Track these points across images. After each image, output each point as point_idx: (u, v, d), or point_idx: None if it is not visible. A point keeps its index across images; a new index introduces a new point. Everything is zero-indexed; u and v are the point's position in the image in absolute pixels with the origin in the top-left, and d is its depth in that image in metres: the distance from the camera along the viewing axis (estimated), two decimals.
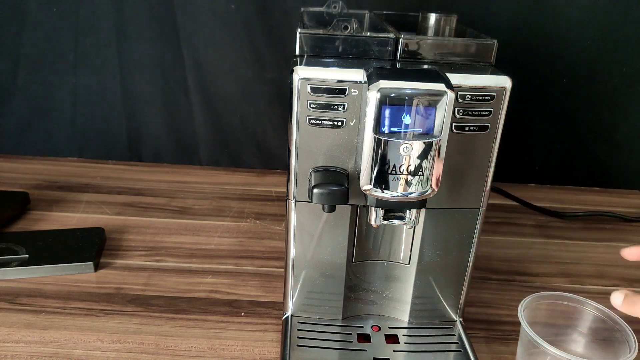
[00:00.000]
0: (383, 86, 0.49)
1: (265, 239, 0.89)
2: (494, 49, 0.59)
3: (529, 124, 1.08)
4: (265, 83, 1.06)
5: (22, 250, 0.78)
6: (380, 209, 0.57)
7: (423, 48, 0.58)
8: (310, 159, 0.57)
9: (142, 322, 0.68)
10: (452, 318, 0.69)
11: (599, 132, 1.09)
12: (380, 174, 0.51)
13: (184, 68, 1.05)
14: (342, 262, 0.64)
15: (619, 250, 0.62)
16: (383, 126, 0.50)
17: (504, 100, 0.55)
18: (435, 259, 0.64)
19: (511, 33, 0.99)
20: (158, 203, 0.98)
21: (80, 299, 0.72)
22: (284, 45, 1.02)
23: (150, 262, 0.81)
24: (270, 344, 0.66)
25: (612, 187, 1.14)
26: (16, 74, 1.06)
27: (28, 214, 0.91)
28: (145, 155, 1.14)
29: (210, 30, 1.02)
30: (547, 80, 1.04)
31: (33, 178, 1.04)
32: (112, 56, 1.04)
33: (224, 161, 1.15)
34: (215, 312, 0.71)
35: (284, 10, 0.99)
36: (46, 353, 0.62)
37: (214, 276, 0.79)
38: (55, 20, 1.01)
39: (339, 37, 0.57)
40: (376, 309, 0.69)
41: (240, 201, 1.01)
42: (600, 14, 0.98)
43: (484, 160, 0.58)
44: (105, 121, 1.11)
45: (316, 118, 0.55)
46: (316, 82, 0.53)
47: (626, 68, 1.02)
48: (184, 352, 0.64)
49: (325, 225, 0.62)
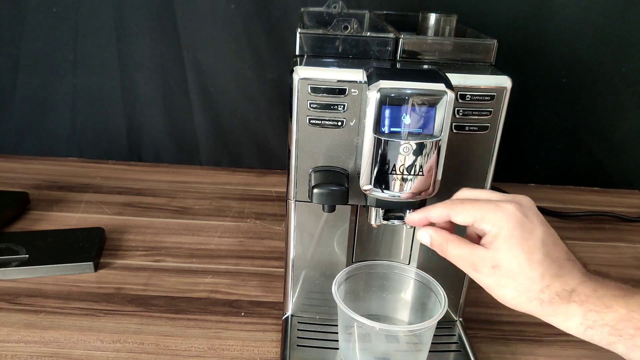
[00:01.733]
0: (383, 86, 0.49)
1: (265, 239, 0.89)
2: (494, 49, 0.59)
3: (529, 124, 1.08)
4: (265, 83, 1.06)
5: (22, 250, 0.78)
6: (380, 209, 0.57)
7: (423, 48, 0.58)
8: (310, 159, 0.57)
9: (142, 322, 0.68)
10: (452, 318, 0.69)
11: (599, 132, 1.09)
12: (380, 174, 0.51)
13: (184, 68, 1.05)
14: (342, 262, 0.64)
15: (619, 250, 0.62)
16: (383, 126, 0.50)
17: (504, 100, 0.55)
18: (435, 259, 0.64)
19: (511, 33, 0.99)
20: (158, 203, 0.98)
21: (80, 299, 0.72)
22: (284, 45, 1.02)
23: (150, 262, 0.81)
24: (270, 344, 0.66)
25: (612, 187, 1.14)
26: (16, 74, 1.06)
27: (28, 214, 0.91)
28: (145, 155, 1.14)
29: (210, 30, 1.02)
30: (547, 80, 1.04)
31: (33, 178, 1.04)
32: (112, 56, 1.04)
33: (224, 161, 1.15)
34: (215, 312, 0.71)
35: (284, 10, 0.99)
36: (46, 353, 0.62)
37: (214, 276, 0.79)
38: (55, 20, 1.01)
39: (339, 37, 0.57)
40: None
41: (240, 201, 1.01)
42: (600, 14, 0.98)
43: (484, 160, 0.58)
44: (105, 121, 1.11)
45: (316, 118, 0.55)
46: (316, 82, 0.53)
47: (626, 68, 1.02)
48: (184, 352, 0.64)
49: (325, 225, 0.62)
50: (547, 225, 0.47)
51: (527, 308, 0.46)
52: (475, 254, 0.47)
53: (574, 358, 0.67)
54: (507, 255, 0.45)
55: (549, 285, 0.45)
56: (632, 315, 0.42)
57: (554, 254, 0.46)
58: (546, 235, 0.46)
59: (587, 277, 0.45)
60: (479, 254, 0.47)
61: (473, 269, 0.48)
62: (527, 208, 0.48)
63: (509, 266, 0.45)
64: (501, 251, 0.46)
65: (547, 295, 0.44)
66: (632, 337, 0.42)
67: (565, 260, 0.46)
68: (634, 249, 0.91)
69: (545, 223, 0.48)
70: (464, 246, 0.48)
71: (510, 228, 0.46)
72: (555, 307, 0.44)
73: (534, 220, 0.47)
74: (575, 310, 0.44)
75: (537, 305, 0.45)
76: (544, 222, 0.47)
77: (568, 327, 0.45)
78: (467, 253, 0.48)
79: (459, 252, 0.49)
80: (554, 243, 0.46)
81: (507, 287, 0.46)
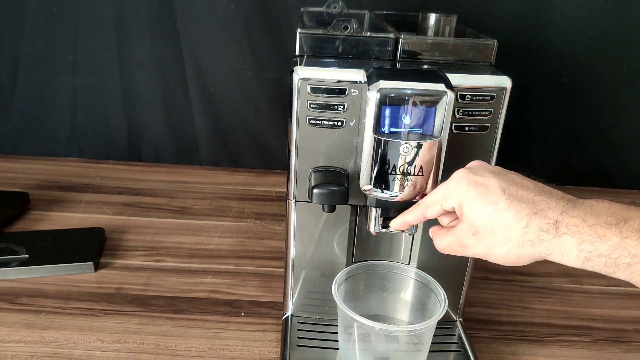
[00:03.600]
0: (383, 86, 0.49)
1: (265, 239, 0.89)
2: (494, 49, 0.59)
3: (529, 124, 1.08)
4: (265, 83, 1.06)
5: (22, 250, 0.78)
6: (379, 216, 0.57)
7: (423, 48, 0.58)
8: (310, 159, 0.57)
9: (142, 322, 0.68)
10: (452, 318, 0.69)
11: (599, 132, 1.09)
12: (380, 174, 0.51)
13: (184, 68, 1.05)
14: (342, 262, 0.64)
15: None
16: (383, 126, 0.50)
17: (504, 100, 0.55)
18: (435, 259, 0.64)
19: (511, 33, 0.99)
20: (158, 203, 0.98)
21: (80, 299, 0.72)
22: (284, 45, 1.02)
23: (150, 262, 0.81)
24: (270, 344, 0.66)
25: (612, 187, 1.13)
26: (16, 74, 1.06)
27: (28, 214, 0.91)
28: (145, 155, 1.14)
29: (210, 30, 1.02)
30: (547, 80, 1.04)
31: (33, 178, 1.04)
32: (112, 56, 1.04)
33: (224, 161, 1.15)
34: (215, 312, 0.71)
35: (284, 10, 0.99)
36: (46, 353, 0.62)
37: (214, 276, 0.79)
38: (55, 20, 1.02)
39: (339, 37, 0.57)
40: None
41: (240, 201, 1.01)
42: (600, 14, 0.98)
43: (484, 160, 0.58)
44: (105, 121, 1.11)
45: (316, 118, 0.55)
46: (316, 82, 0.53)
47: (626, 68, 1.02)
48: (184, 352, 0.64)
49: (325, 225, 0.62)
50: (503, 172, 0.48)
51: (524, 255, 0.45)
52: (456, 233, 0.48)
53: (574, 358, 0.67)
54: (476, 215, 0.46)
55: (528, 224, 0.44)
56: (626, 243, 0.40)
57: (519, 195, 0.45)
58: (503, 181, 0.46)
59: (570, 205, 0.44)
60: (459, 231, 0.48)
61: (462, 247, 0.48)
62: (475, 167, 0.48)
63: (483, 225, 0.45)
64: (471, 215, 0.46)
65: (533, 235, 0.44)
66: (629, 266, 0.41)
67: (535, 196, 0.45)
68: None
69: (501, 172, 0.48)
70: (446, 233, 0.49)
71: (465, 190, 0.46)
72: (548, 244, 0.43)
73: (484, 174, 0.47)
74: (569, 242, 0.42)
75: (530, 247, 0.44)
76: (498, 171, 0.48)
77: (568, 261, 0.43)
78: (451, 237, 0.49)
79: (445, 240, 0.49)
80: (516, 185, 0.46)
81: (494, 245, 0.46)
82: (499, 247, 0.45)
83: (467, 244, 0.47)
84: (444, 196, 0.48)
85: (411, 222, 0.53)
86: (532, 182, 0.47)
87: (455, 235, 0.48)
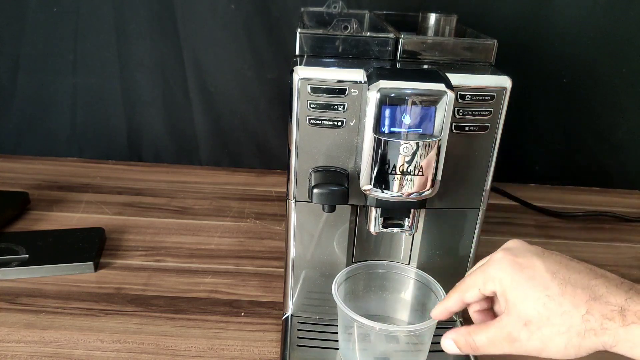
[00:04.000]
0: (383, 86, 0.49)
1: (265, 239, 0.89)
2: (494, 49, 0.59)
3: (529, 124, 1.08)
4: (265, 83, 1.06)
5: (22, 250, 0.78)
6: (379, 216, 0.57)
7: (423, 48, 0.58)
8: (310, 159, 0.57)
9: (142, 322, 0.68)
10: (452, 318, 0.68)
11: (599, 132, 1.09)
12: (380, 174, 0.51)
13: (184, 68, 1.05)
14: (342, 262, 0.64)
15: (619, 250, 0.62)
16: (383, 126, 0.50)
17: (504, 100, 0.55)
18: (435, 259, 0.64)
19: (511, 33, 0.99)
20: (158, 203, 0.98)
21: (80, 299, 0.72)
22: (284, 45, 1.02)
23: (150, 262, 0.81)
24: (270, 344, 0.66)
25: (612, 187, 1.13)
26: (16, 74, 1.06)
27: (28, 214, 0.91)
28: (145, 155, 1.14)
29: (210, 30, 1.02)
30: (547, 80, 1.04)
31: (33, 178, 1.04)
32: (112, 56, 1.04)
33: (224, 161, 1.15)
34: (215, 312, 0.71)
35: (284, 10, 0.99)
36: (46, 353, 0.62)
37: (214, 276, 0.79)
38: (55, 20, 1.01)
39: (339, 37, 0.57)
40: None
41: (240, 201, 1.01)
42: (600, 14, 0.98)
43: (484, 160, 0.58)
44: (105, 121, 1.11)
45: (316, 118, 0.55)
46: (316, 82, 0.53)
47: (626, 68, 1.02)
48: (184, 352, 0.64)
49: (325, 225, 0.62)
50: (547, 254, 0.44)
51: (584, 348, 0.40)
52: (502, 326, 0.43)
53: None
54: (527, 303, 0.41)
55: (588, 311, 0.39)
56: None
57: (572, 279, 0.41)
58: (550, 264, 0.42)
59: (635, 291, 0.39)
60: (504, 323, 0.43)
61: (510, 340, 0.42)
62: (515, 249, 0.45)
63: (536, 313, 0.40)
64: (519, 303, 0.41)
65: (595, 323, 0.39)
66: None
67: (590, 280, 0.41)
68: (634, 249, 0.91)
69: (544, 253, 0.44)
70: (487, 327, 0.44)
71: (509, 274, 0.42)
72: (614, 333, 0.38)
73: (527, 255, 0.43)
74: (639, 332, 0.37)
75: (593, 337, 0.39)
76: (540, 252, 0.44)
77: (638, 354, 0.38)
78: (494, 330, 0.43)
79: (487, 335, 0.44)
80: (566, 268, 0.42)
81: (552, 337, 0.40)
82: (557, 338, 0.40)
83: (517, 337, 0.42)
84: (483, 280, 0.44)
85: (452, 308, 0.49)
86: (581, 264, 0.43)
87: (501, 328, 0.43)
